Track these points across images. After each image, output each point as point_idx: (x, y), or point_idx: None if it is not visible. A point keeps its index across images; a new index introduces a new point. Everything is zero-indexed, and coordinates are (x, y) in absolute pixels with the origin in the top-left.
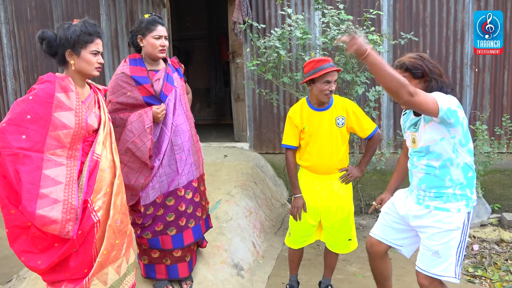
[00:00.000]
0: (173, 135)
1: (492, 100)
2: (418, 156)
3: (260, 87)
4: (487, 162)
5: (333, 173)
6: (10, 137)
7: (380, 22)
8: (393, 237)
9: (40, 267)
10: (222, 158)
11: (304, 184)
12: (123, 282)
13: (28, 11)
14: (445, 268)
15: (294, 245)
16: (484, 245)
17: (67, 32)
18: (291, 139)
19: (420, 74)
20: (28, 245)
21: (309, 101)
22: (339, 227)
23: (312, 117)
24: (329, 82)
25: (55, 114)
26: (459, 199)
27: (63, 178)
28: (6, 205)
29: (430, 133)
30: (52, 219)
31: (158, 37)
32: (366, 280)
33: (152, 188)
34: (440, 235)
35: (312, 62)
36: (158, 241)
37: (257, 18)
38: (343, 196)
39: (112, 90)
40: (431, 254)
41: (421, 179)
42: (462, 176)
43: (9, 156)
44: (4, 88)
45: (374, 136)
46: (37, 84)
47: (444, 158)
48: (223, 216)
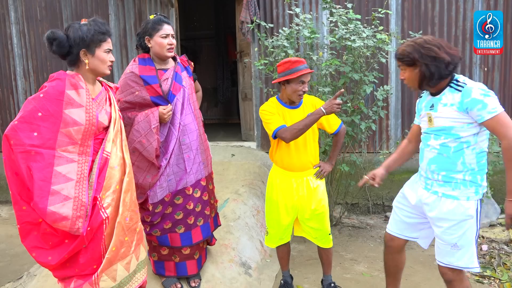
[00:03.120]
0: (181, 134)
1: (502, 100)
2: (435, 135)
3: (268, 86)
4: (497, 162)
5: (308, 169)
6: (22, 134)
7: (388, 21)
8: (407, 231)
9: (51, 262)
10: (229, 157)
11: (280, 183)
12: (132, 279)
13: (38, 11)
14: (468, 259)
15: (272, 244)
16: (493, 245)
17: (80, 31)
18: (278, 121)
19: (411, 61)
20: (39, 241)
21: (280, 100)
22: (319, 221)
23: (285, 115)
24: (303, 82)
25: (66, 111)
26: (468, 186)
27: (74, 175)
28: (18, 202)
29: (451, 114)
30: (63, 215)
31: (165, 36)
32: (374, 279)
33: (160, 187)
34: (455, 228)
35: (288, 62)
36: (167, 238)
37: (265, 18)
38: (319, 191)
39: (121, 89)
40: (450, 247)
41: (431, 159)
42: (475, 161)
43: (21, 153)
44: (14, 87)
45: (340, 131)
46: (48, 82)
47: (462, 141)
48: (231, 215)
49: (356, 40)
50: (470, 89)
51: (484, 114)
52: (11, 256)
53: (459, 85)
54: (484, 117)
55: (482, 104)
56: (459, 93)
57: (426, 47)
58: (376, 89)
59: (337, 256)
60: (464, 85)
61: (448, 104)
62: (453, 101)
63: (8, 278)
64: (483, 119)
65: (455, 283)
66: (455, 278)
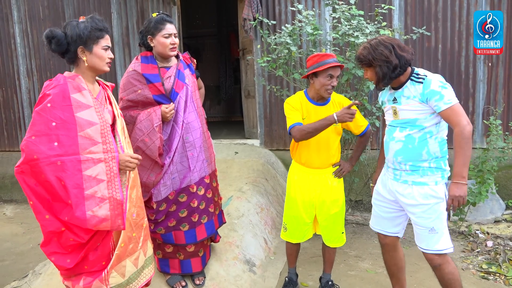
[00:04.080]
0: (184, 132)
1: (506, 95)
2: (401, 127)
3: (271, 83)
4: (501, 158)
5: (327, 167)
6: (44, 147)
7: (391, 17)
8: (387, 226)
9: (69, 266)
10: (233, 155)
11: (299, 179)
12: (140, 274)
13: (41, 10)
14: (445, 241)
15: (292, 239)
16: (498, 241)
17: (77, 29)
18: (297, 117)
19: (368, 63)
20: (58, 247)
21: (308, 95)
22: (333, 220)
23: (310, 111)
24: (332, 76)
25: (77, 114)
26: (434, 172)
27: (104, 175)
28: (40, 211)
29: (414, 106)
30: (102, 217)
31: (167, 35)
32: (379, 276)
33: (164, 185)
34: (430, 212)
35: (317, 56)
36: (171, 236)
37: (267, 15)
38: (337, 190)
39: (123, 88)
40: (427, 231)
41: (398, 151)
42: (439, 149)
43: (48, 166)
44: (18, 86)
45: (367, 133)
46: (49, 89)
47: (425, 131)
48: (235, 213)
49: (359, 36)
50: (430, 80)
51: (441, 105)
52: (16, 255)
53: (420, 77)
54: (441, 107)
55: (440, 95)
56: (421, 85)
57: (378, 50)
58: None
59: (341, 253)
60: (425, 77)
61: (411, 97)
62: (415, 93)
63: (13, 277)
64: (439, 109)
65: (443, 266)
66: (443, 261)
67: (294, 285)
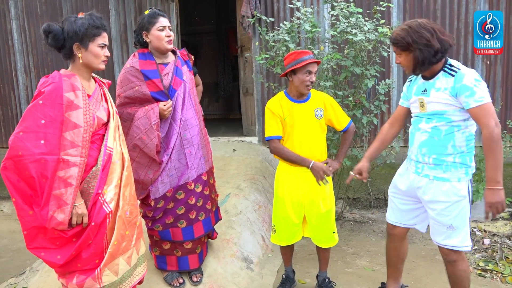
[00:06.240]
0: (182, 129)
1: (504, 93)
2: (427, 118)
3: (269, 81)
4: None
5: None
6: (30, 144)
7: (390, 14)
8: (404, 219)
9: (59, 262)
10: (231, 152)
11: (286, 179)
12: (133, 272)
13: (38, 6)
14: (463, 239)
15: (281, 242)
16: (495, 239)
17: (74, 25)
18: (275, 129)
19: (405, 46)
20: (46, 242)
21: (288, 94)
22: (323, 220)
23: (292, 109)
24: (310, 72)
25: (66, 114)
26: (458, 168)
27: (74, 180)
28: (22, 208)
29: (444, 99)
30: (60, 221)
31: (162, 28)
32: (376, 273)
33: (162, 182)
34: (450, 209)
35: (294, 54)
36: (168, 233)
37: (266, 12)
38: (325, 188)
39: (120, 84)
40: (445, 228)
41: (423, 142)
42: (465, 144)
43: (32, 163)
44: (15, 83)
45: (349, 128)
46: (44, 87)
47: (453, 124)
48: (232, 210)
49: (357, 34)
50: (463, 75)
51: (471, 102)
52: (14, 252)
53: (453, 70)
54: (470, 104)
55: (471, 92)
56: (452, 78)
57: (419, 32)
58: (377, 83)
59: (339, 250)
60: (458, 70)
61: (442, 89)
62: (446, 85)
63: (10, 274)
64: (469, 105)
65: (458, 263)
66: (457, 258)
67: (292, 282)
